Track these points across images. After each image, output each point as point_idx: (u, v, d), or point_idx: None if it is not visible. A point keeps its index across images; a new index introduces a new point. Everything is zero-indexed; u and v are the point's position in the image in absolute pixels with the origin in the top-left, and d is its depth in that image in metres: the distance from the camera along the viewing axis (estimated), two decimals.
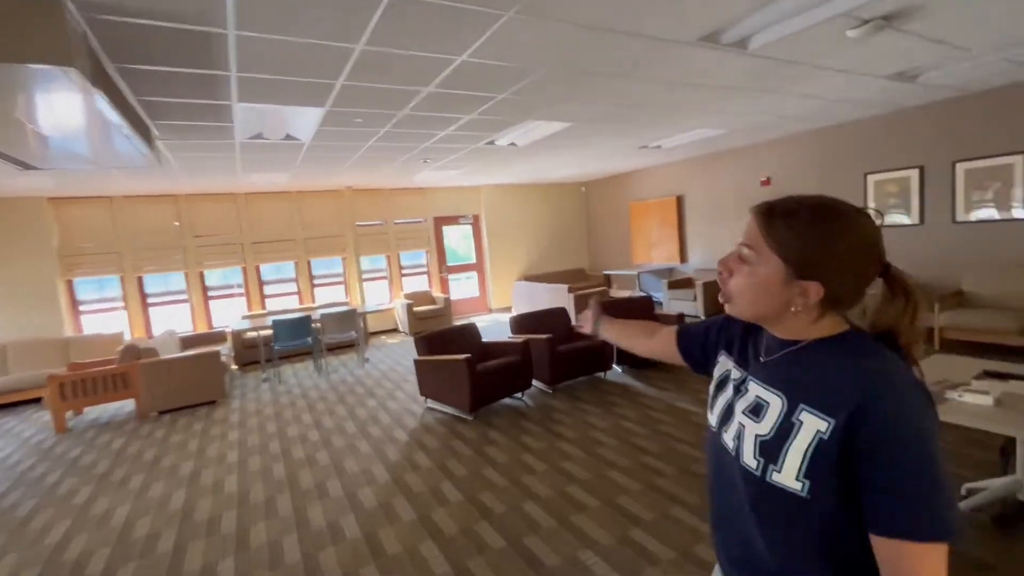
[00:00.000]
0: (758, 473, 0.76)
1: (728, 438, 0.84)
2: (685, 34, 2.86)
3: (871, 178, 6.00)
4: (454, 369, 4.16)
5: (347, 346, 7.76)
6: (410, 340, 7.93)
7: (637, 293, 8.94)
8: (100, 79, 2.43)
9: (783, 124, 5.99)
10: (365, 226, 8.78)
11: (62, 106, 2.55)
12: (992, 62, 4.00)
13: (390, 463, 3.50)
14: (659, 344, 1.17)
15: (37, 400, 6.04)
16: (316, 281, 8.49)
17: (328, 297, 8.53)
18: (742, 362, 0.89)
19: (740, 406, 0.83)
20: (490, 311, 10.06)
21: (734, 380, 0.88)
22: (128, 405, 5.52)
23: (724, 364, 0.94)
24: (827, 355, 0.75)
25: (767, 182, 7.16)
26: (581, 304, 7.27)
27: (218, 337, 6.99)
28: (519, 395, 4.67)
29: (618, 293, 9.41)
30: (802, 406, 0.72)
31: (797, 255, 0.73)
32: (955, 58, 3.82)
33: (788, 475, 0.72)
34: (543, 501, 2.83)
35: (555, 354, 4.64)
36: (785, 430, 0.73)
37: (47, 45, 1.89)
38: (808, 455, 0.70)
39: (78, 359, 6.27)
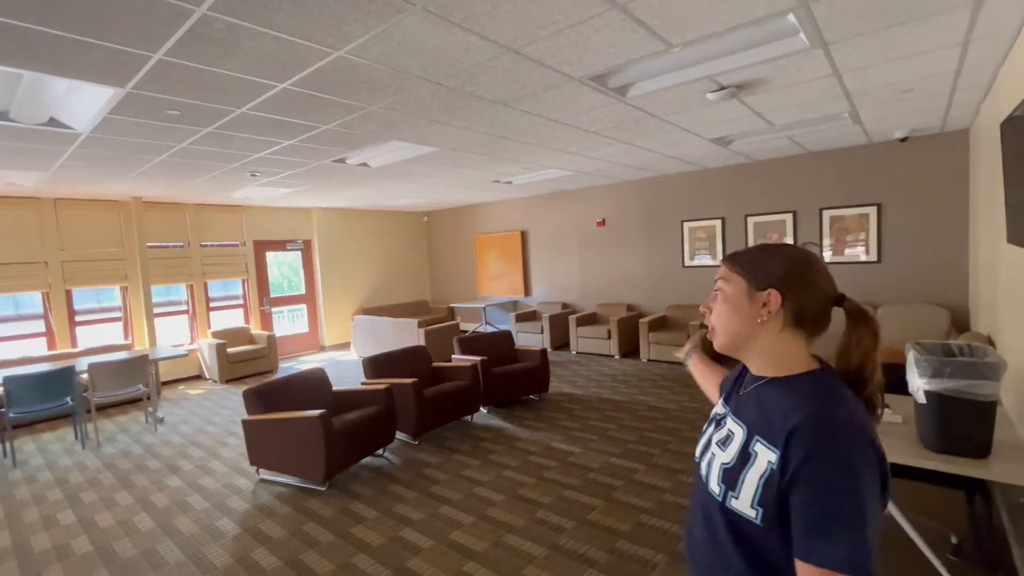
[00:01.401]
0: (720, 498, 0.83)
1: (703, 466, 0.91)
2: (581, 70, 2.82)
3: (686, 224, 6.97)
4: (303, 429, 3.36)
5: (129, 403, 5.95)
6: (221, 389, 6.47)
7: (483, 327, 8.87)
8: None
9: (618, 172, 6.60)
10: (160, 248, 7.01)
11: None
12: (781, 138, 4.97)
13: (217, 572, 2.57)
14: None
15: None
16: (79, 317, 6.40)
17: (97, 339, 6.48)
18: (727, 399, 0.97)
19: (716, 438, 0.91)
20: (323, 349, 8.90)
21: (717, 415, 0.96)
22: None
23: (717, 407, 1.00)
24: (784, 389, 0.82)
25: (602, 223, 7.82)
26: (433, 340, 6.83)
27: None
28: (381, 451, 4.02)
29: (467, 327, 9.21)
30: (756, 437, 0.80)
31: (754, 270, 0.87)
32: (761, 131, 4.62)
33: (744, 502, 0.78)
34: None
35: (421, 400, 4.14)
36: (743, 459, 0.80)
37: None
38: (760, 484, 0.76)
39: None
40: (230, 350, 6.96)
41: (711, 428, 0.95)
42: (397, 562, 2.57)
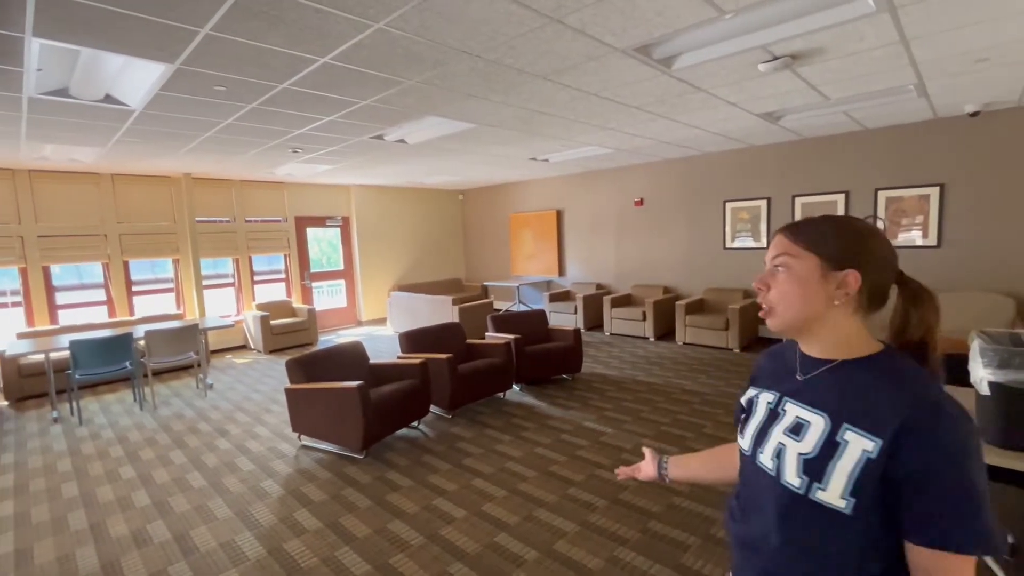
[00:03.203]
0: (801, 491, 0.78)
1: (766, 459, 0.84)
2: (625, 40, 2.72)
3: (728, 205, 6.71)
4: (342, 399, 3.48)
5: (181, 369, 6.30)
6: (264, 359, 6.75)
7: (517, 305, 8.89)
8: None
9: (659, 150, 6.40)
10: (208, 223, 7.30)
11: None
12: (835, 113, 4.68)
13: (263, 529, 2.72)
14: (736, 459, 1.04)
15: None
16: (136, 288, 6.77)
17: (152, 308, 6.85)
18: (773, 384, 0.91)
19: (778, 427, 0.84)
20: (360, 323, 9.13)
21: (768, 403, 0.89)
22: None
23: (748, 393, 0.96)
24: (867, 374, 0.77)
25: (640, 203, 7.63)
26: (467, 317, 6.90)
27: None
28: (416, 424, 4.12)
29: (501, 305, 9.26)
30: (846, 426, 0.75)
31: (830, 248, 0.80)
32: (815, 105, 4.36)
33: (833, 493, 0.74)
34: (472, 559, 2.39)
35: (456, 375, 4.20)
36: (830, 449, 0.76)
37: None
38: (856, 474, 0.72)
39: None
40: (273, 322, 7.23)
41: (762, 416, 0.88)
42: (431, 530, 2.65)
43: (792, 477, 0.79)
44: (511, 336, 4.87)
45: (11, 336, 5.57)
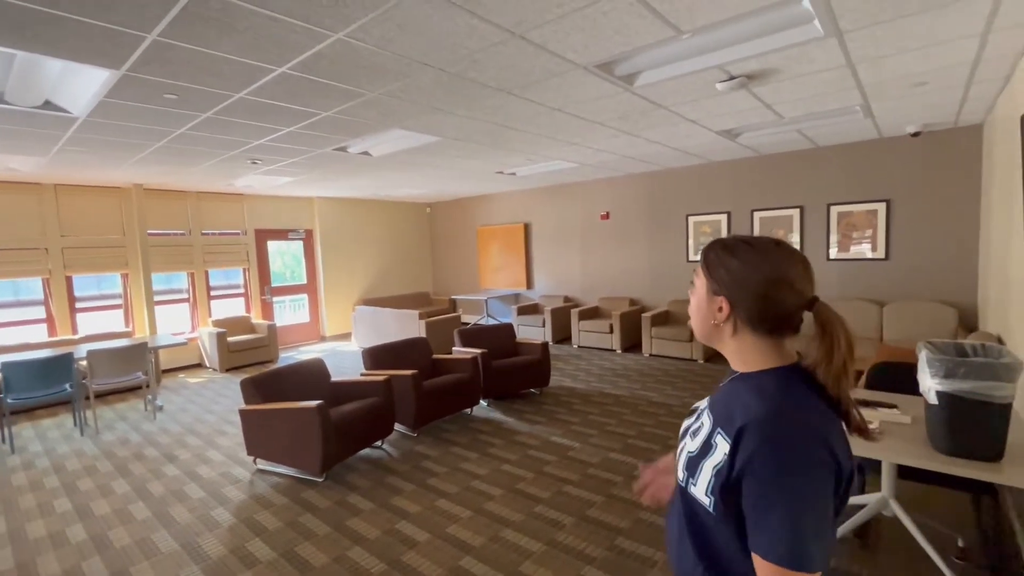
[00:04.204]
0: (683, 484, 0.87)
1: (679, 453, 0.93)
2: (587, 57, 2.75)
3: (691, 219, 6.88)
4: (300, 420, 3.33)
5: (128, 390, 5.95)
6: (221, 378, 6.45)
7: (485, 319, 8.83)
8: None
9: (623, 165, 6.51)
10: (161, 235, 6.97)
11: None
12: (789, 131, 4.88)
13: (211, 563, 2.55)
14: None
15: None
16: (80, 304, 6.38)
17: (98, 326, 6.46)
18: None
19: (692, 428, 0.92)
20: (323, 339, 8.88)
21: (700, 408, 0.96)
22: None
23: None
24: (747, 386, 0.83)
25: (606, 216, 7.74)
26: (434, 332, 6.80)
27: None
28: (380, 443, 3.99)
29: (469, 319, 9.17)
30: (718, 429, 0.82)
31: (715, 272, 0.87)
32: (770, 123, 4.53)
33: (700, 489, 0.82)
34: None
35: (421, 392, 4.10)
36: (706, 449, 0.83)
37: None
38: (713, 473, 0.79)
39: None
40: (230, 339, 6.94)
41: (691, 418, 0.97)
42: (392, 555, 2.54)
43: (680, 471, 0.89)
44: (478, 351, 4.81)
45: None
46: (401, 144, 4.76)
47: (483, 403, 4.91)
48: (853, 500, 2.51)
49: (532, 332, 7.90)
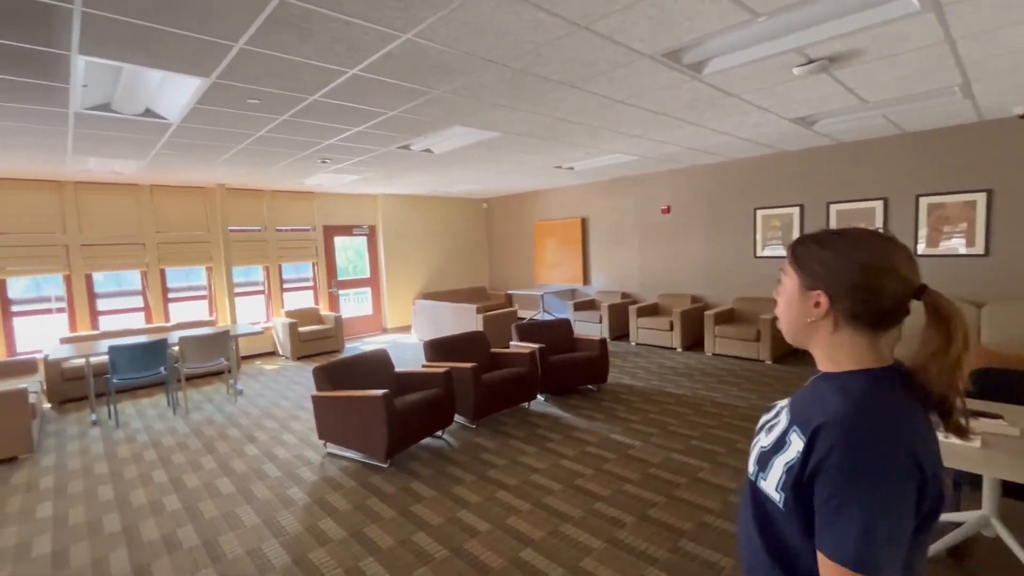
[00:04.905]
0: (753, 478, 0.86)
1: (752, 446, 0.92)
2: (654, 46, 2.67)
3: (759, 212, 6.54)
4: (367, 408, 3.48)
5: (212, 375, 6.45)
6: (293, 366, 6.86)
7: (541, 314, 8.83)
8: None
9: (687, 156, 6.29)
10: (240, 231, 7.49)
11: None
12: (874, 116, 4.51)
13: (289, 537, 2.72)
14: None
15: None
16: (171, 295, 6.98)
17: (185, 314, 7.05)
18: None
19: (769, 423, 0.91)
20: (385, 331, 9.22)
21: (778, 407, 0.94)
22: None
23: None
24: (831, 387, 0.79)
25: (667, 211, 7.51)
26: (491, 326, 6.88)
27: (24, 367, 5.31)
28: (440, 433, 4.10)
29: (525, 314, 9.21)
30: (794, 426, 0.80)
31: (807, 266, 0.83)
32: (852, 109, 4.21)
33: (770, 484, 0.80)
34: (496, 574, 2.34)
35: (480, 385, 4.17)
36: (779, 445, 0.81)
37: None
38: (784, 470, 0.77)
39: None
40: (301, 329, 7.36)
41: (769, 414, 0.95)
42: (455, 543, 2.61)
43: (751, 464, 0.88)
44: (536, 345, 4.82)
45: (55, 341, 5.80)
46: (462, 140, 4.83)
47: (540, 398, 4.93)
48: (947, 517, 2.31)
49: (589, 328, 7.82)
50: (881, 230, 0.80)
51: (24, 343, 5.90)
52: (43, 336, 5.96)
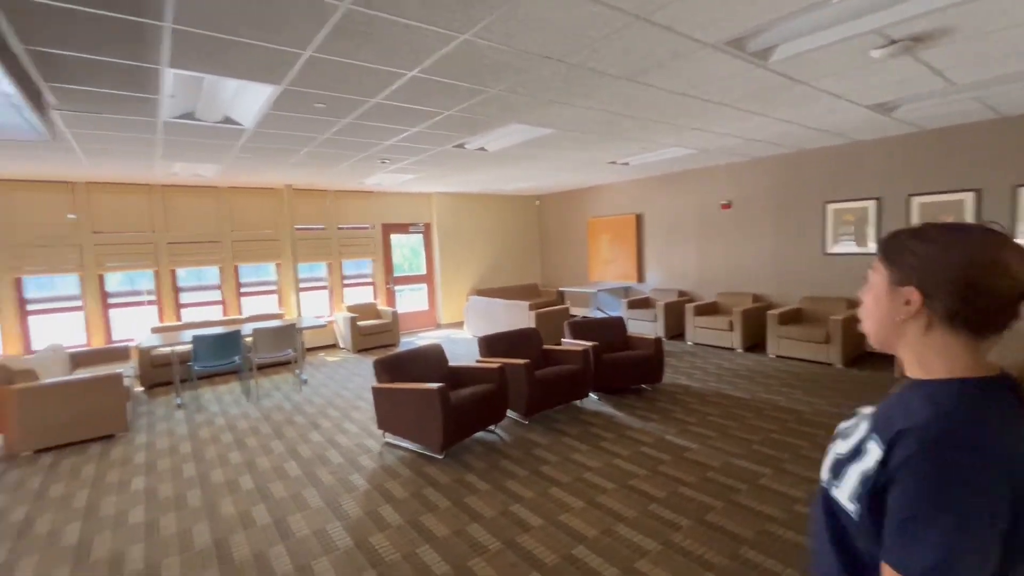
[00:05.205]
0: (826, 486, 0.82)
1: (828, 451, 0.87)
2: (716, 34, 2.58)
3: (830, 207, 6.15)
4: (423, 400, 3.59)
5: (280, 364, 6.85)
6: (353, 358, 7.16)
7: (594, 312, 8.74)
8: None
9: (749, 148, 6.01)
10: (305, 230, 7.91)
11: None
12: (964, 100, 4.13)
13: (350, 521, 2.86)
14: None
15: None
16: (243, 289, 7.48)
17: (256, 308, 7.53)
18: None
19: (847, 429, 0.86)
20: (439, 326, 9.44)
21: (859, 414, 0.89)
22: None
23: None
24: (919, 395, 0.73)
25: (728, 206, 7.21)
26: (543, 323, 6.89)
27: (120, 353, 5.86)
28: (493, 428, 4.16)
29: (576, 311, 9.15)
30: (873, 434, 0.75)
31: (898, 260, 0.77)
32: (938, 93, 3.87)
33: (844, 493, 0.76)
34: (549, 570, 2.36)
35: (533, 381, 4.19)
36: (856, 452, 0.77)
37: None
38: (860, 479, 0.73)
39: None
40: (360, 323, 7.67)
41: (848, 420, 0.89)
42: (508, 536, 2.64)
43: (825, 472, 0.84)
44: (589, 343, 4.78)
45: (147, 331, 6.36)
46: (516, 138, 4.86)
47: (593, 396, 4.88)
48: None
49: (643, 327, 7.65)
50: (995, 224, 0.72)
51: (119, 332, 6.51)
52: (136, 326, 6.56)
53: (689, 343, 7.09)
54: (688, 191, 7.72)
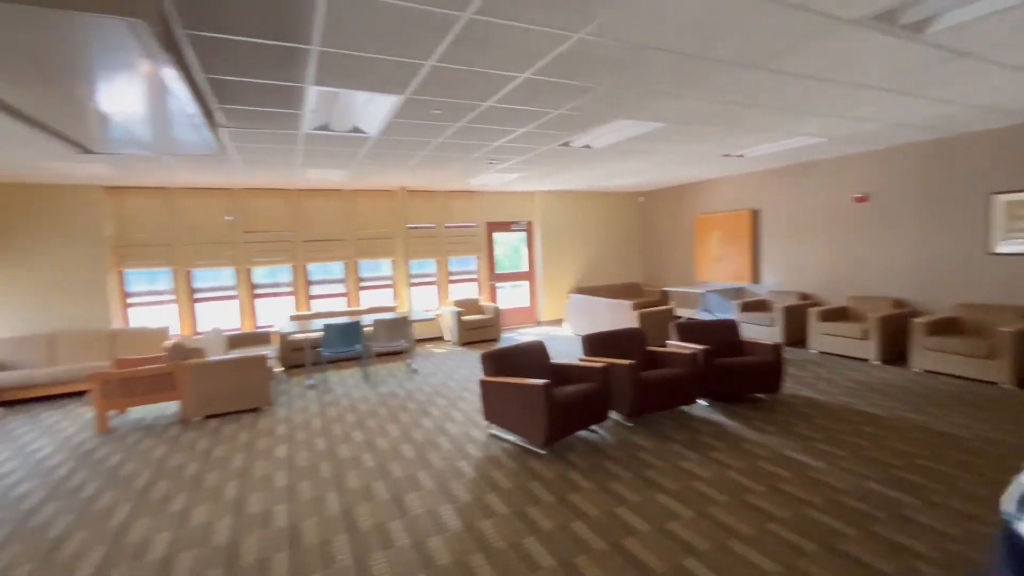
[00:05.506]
0: (1010, 520, 0.78)
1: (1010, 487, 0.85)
2: (860, 9, 2.31)
3: (998, 198, 5.23)
4: (528, 395, 3.67)
5: (393, 353, 7.39)
6: (459, 350, 7.50)
7: (701, 313, 8.29)
8: (170, 45, 2.06)
9: (890, 134, 5.30)
10: (416, 228, 8.44)
11: (125, 77, 2.20)
12: None
13: (460, 504, 3.02)
14: None
15: (80, 393, 5.88)
16: (363, 283, 8.17)
17: (372, 301, 8.19)
18: None
19: None
20: (539, 323, 9.55)
21: None
22: (172, 407, 5.26)
23: None
24: None
25: (863, 199, 6.43)
26: (647, 323, 6.68)
27: (263, 337, 6.72)
28: (595, 427, 4.14)
29: (681, 312, 8.75)
30: None
31: None
32: None
33: None
34: None
35: (638, 383, 4.09)
36: None
37: None
38: None
39: (123, 353, 6.09)
40: (464, 317, 8.01)
41: None
42: (613, 537, 2.62)
43: (1010, 505, 0.79)
44: (699, 347, 4.55)
45: (285, 318, 7.22)
46: (622, 134, 4.76)
47: (701, 402, 4.64)
48: None
49: (757, 331, 7.10)
50: None
51: (262, 318, 7.46)
52: (275, 314, 7.47)
53: (812, 351, 6.45)
54: (813, 184, 7.01)
